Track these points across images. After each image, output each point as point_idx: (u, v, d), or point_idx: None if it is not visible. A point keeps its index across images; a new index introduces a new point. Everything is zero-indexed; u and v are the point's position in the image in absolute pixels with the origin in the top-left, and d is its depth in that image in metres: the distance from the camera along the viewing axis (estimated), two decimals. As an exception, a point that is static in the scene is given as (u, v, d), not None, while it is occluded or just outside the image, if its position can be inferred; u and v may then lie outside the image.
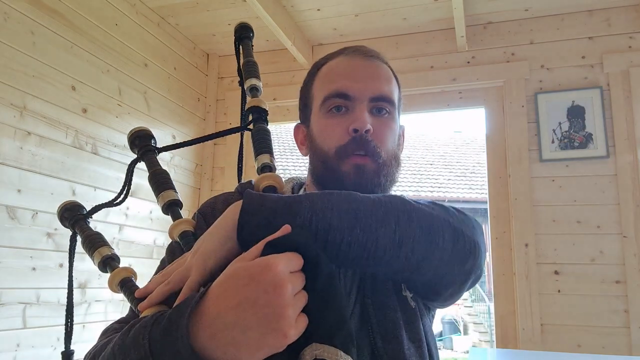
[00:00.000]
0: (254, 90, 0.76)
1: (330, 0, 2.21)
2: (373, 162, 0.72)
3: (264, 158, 0.72)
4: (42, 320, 1.67)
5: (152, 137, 0.72)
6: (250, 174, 1.63)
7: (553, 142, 2.15)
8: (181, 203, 0.68)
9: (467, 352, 7.78)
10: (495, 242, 2.20)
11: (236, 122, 2.64)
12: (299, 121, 0.85)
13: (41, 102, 1.70)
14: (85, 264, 1.77)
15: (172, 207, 0.66)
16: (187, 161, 2.51)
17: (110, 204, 0.71)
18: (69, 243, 0.69)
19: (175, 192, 0.67)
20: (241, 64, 0.82)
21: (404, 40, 2.47)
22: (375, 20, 2.35)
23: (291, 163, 9.41)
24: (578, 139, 2.12)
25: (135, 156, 0.74)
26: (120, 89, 2.07)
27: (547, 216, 2.11)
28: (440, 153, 11.81)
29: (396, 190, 0.80)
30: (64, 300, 1.76)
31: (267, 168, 0.71)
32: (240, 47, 0.82)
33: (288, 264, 0.45)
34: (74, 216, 0.68)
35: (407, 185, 10.21)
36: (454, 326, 9.11)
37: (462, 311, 9.66)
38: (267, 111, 0.75)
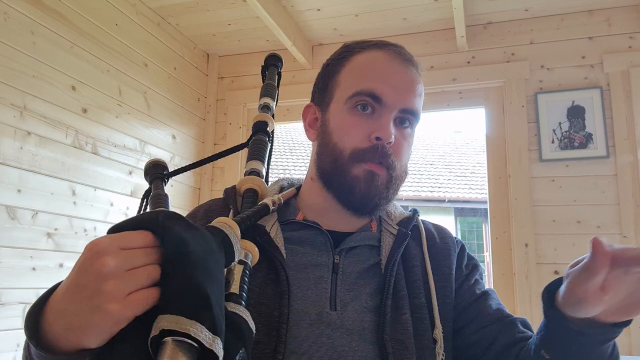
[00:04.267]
0: (265, 108, 0.78)
1: (330, 0, 2.21)
2: (386, 174, 0.71)
3: (253, 164, 0.73)
4: (42, 320, 1.67)
5: (165, 167, 0.75)
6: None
7: (553, 142, 2.15)
8: None
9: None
10: (495, 242, 2.20)
11: (236, 122, 2.64)
12: (310, 100, 0.82)
13: (41, 102, 1.70)
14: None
15: None
16: (187, 161, 2.51)
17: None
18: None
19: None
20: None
21: (404, 40, 2.47)
22: (375, 20, 2.35)
23: (291, 163, 9.41)
24: (578, 139, 2.12)
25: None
26: (120, 89, 2.07)
27: (547, 216, 2.11)
28: (440, 153, 11.81)
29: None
30: (64, 300, 1.76)
31: (255, 173, 0.72)
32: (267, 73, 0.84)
33: (116, 240, 0.43)
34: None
35: (407, 185, 10.21)
36: (454, 326, 9.10)
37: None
38: (267, 123, 0.76)
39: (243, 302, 0.52)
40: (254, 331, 0.52)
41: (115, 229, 0.45)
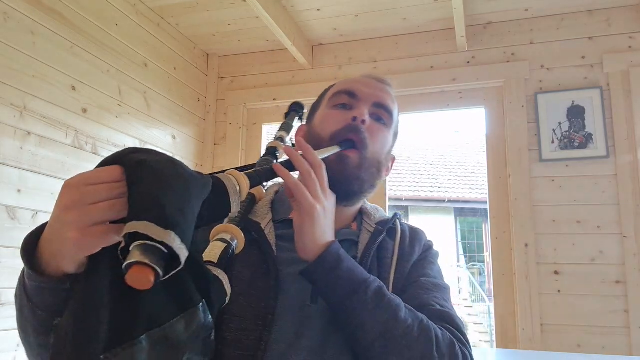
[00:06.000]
0: (279, 139, 0.86)
1: (330, 0, 2.21)
2: (358, 154, 0.79)
3: None
4: (42, 320, 1.67)
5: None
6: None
7: (553, 142, 2.15)
8: None
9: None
10: (495, 242, 2.20)
11: (236, 122, 2.64)
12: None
13: (41, 102, 1.70)
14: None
15: None
16: (187, 161, 2.51)
17: None
18: None
19: None
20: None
21: (404, 40, 2.47)
22: (375, 20, 2.35)
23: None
24: (578, 139, 2.12)
25: None
26: (120, 89, 2.07)
27: (547, 216, 2.11)
28: (440, 153, 11.81)
29: (396, 190, 0.82)
30: (64, 300, 1.76)
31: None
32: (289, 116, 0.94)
33: (83, 177, 0.46)
34: None
35: (407, 185, 10.20)
36: (454, 326, 9.09)
37: (462, 311, 9.66)
38: (277, 149, 0.84)
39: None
40: (229, 294, 0.54)
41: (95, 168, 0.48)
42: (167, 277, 0.43)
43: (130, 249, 0.42)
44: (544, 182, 2.14)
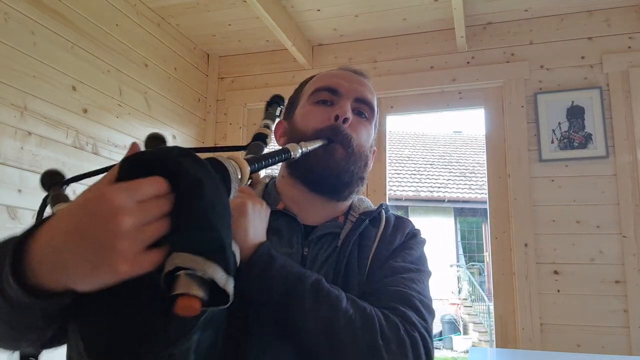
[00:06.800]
0: (266, 126, 0.88)
1: (330, 1, 2.21)
2: (343, 150, 0.79)
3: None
4: (42, 320, 1.67)
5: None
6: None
7: (553, 142, 2.15)
8: None
9: (467, 352, 7.77)
10: (495, 242, 2.20)
11: (236, 122, 2.65)
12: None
13: (42, 102, 1.70)
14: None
15: None
16: (187, 161, 2.51)
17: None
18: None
19: None
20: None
21: (404, 40, 2.47)
22: (375, 20, 2.35)
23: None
24: (577, 139, 2.13)
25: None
26: (121, 89, 2.07)
27: (547, 216, 2.11)
28: (440, 153, 11.81)
29: (396, 190, 0.82)
30: (65, 300, 1.76)
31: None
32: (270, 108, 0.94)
33: (131, 193, 0.41)
34: (50, 182, 0.77)
35: (407, 185, 10.21)
36: (453, 326, 9.11)
37: (461, 311, 9.66)
38: (267, 136, 0.85)
39: None
40: (231, 295, 0.54)
41: (127, 168, 0.43)
42: (210, 307, 0.44)
43: (178, 275, 0.41)
44: (543, 182, 2.15)
